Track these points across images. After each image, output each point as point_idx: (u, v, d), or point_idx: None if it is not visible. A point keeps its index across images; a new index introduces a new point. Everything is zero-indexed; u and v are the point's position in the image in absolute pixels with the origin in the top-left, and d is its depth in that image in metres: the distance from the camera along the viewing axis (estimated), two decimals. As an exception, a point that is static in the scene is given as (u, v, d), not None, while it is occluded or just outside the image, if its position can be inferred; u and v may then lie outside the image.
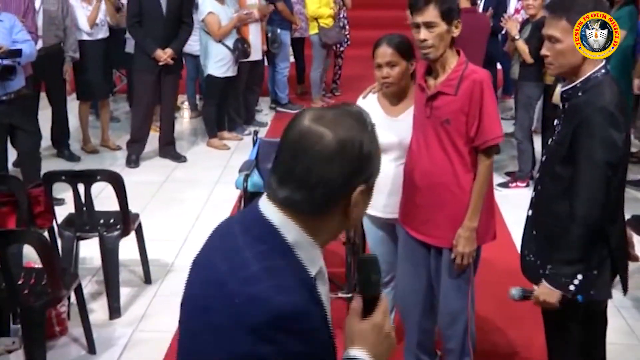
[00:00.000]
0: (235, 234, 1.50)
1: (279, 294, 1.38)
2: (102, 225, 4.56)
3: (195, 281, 1.54)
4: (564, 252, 2.71)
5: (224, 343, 1.39)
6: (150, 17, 7.00)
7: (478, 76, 3.17)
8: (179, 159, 7.46)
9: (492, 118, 3.17)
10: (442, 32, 3.12)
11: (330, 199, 1.46)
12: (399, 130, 3.45)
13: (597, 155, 2.61)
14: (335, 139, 1.44)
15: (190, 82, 8.88)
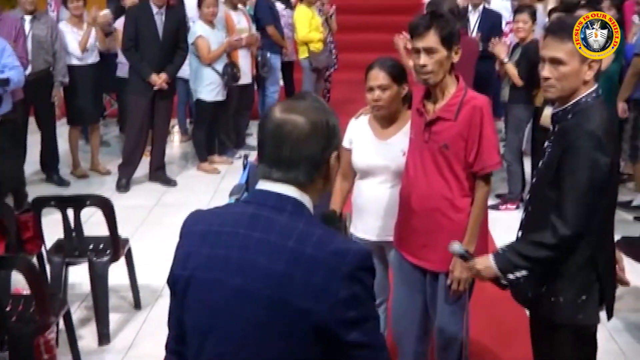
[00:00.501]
0: (267, 216, 1.77)
1: (349, 244, 1.78)
2: (91, 251, 4.51)
3: (244, 267, 1.73)
4: (529, 247, 2.72)
5: (324, 297, 1.66)
6: (147, 41, 7.00)
7: (478, 102, 3.18)
8: (170, 183, 7.42)
9: (491, 144, 3.18)
10: (442, 58, 3.12)
11: (315, 168, 1.80)
12: (388, 153, 3.45)
13: (581, 178, 2.61)
14: (308, 123, 1.78)
15: (181, 106, 8.86)
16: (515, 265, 2.76)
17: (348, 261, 1.69)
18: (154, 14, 6.99)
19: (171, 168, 7.80)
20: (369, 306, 1.74)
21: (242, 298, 1.73)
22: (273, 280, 1.70)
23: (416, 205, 3.29)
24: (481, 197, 3.23)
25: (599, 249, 2.75)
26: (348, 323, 1.69)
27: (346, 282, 1.68)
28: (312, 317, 1.67)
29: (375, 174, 3.56)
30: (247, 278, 1.73)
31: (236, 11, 8.08)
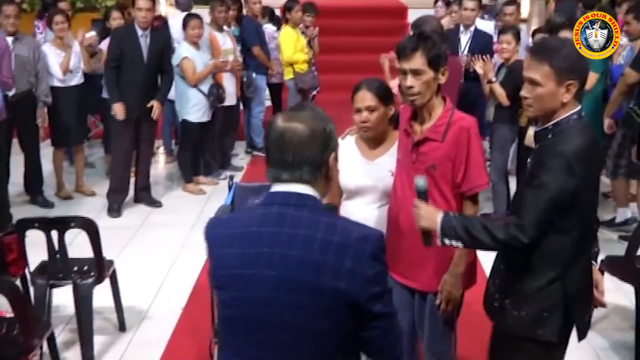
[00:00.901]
0: (292, 214, 2.04)
1: (367, 229, 2.08)
2: (75, 273, 4.48)
3: (282, 261, 1.99)
4: (478, 229, 2.73)
5: (355, 277, 1.96)
6: (131, 64, 6.95)
7: (466, 123, 3.19)
8: (155, 204, 7.39)
9: (479, 165, 3.19)
10: (429, 80, 3.13)
11: (317, 169, 2.08)
12: (376, 173, 3.45)
13: (545, 195, 2.66)
14: (307, 129, 2.06)
15: (166, 127, 8.84)
16: (456, 235, 2.79)
17: (371, 244, 2.00)
18: (138, 36, 6.95)
19: (156, 189, 7.77)
20: (387, 281, 2.08)
21: (281, 288, 1.99)
22: (309, 268, 1.97)
23: (404, 225, 3.29)
24: (470, 212, 3.23)
25: (568, 270, 2.77)
26: (374, 297, 1.99)
27: (371, 263, 1.99)
28: (346, 296, 1.96)
29: (363, 194, 3.56)
30: (283, 270, 1.99)
31: (221, 32, 8.11)
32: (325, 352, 2.03)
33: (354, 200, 3.61)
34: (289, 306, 1.99)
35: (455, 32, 7.66)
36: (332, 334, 2.01)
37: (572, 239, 2.74)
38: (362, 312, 1.99)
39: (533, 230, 2.68)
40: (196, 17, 7.64)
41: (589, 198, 2.78)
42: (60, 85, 7.25)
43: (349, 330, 2.02)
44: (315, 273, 1.97)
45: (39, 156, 7.31)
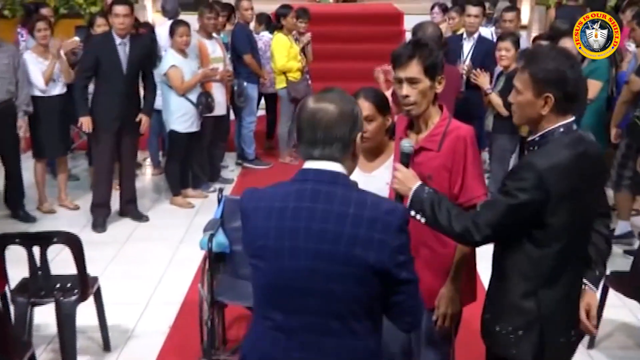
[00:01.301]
0: (326, 190, 2.30)
1: (394, 203, 2.45)
2: (58, 290, 4.47)
3: (316, 235, 2.27)
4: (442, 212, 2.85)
5: (384, 247, 2.24)
6: (109, 74, 6.90)
7: (462, 132, 3.21)
8: (141, 219, 7.38)
9: (476, 175, 3.21)
10: (425, 88, 3.16)
11: (346, 147, 2.34)
12: (373, 186, 3.37)
13: (506, 202, 2.72)
14: (337, 109, 2.32)
15: (153, 138, 8.82)
16: (422, 210, 2.90)
17: (398, 217, 2.29)
18: (116, 45, 6.89)
19: (143, 202, 7.76)
20: (410, 250, 2.34)
21: (317, 259, 2.27)
22: (343, 241, 2.25)
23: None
24: None
25: (544, 286, 2.80)
26: (400, 265, 2.29)
27: (398, 234, 2.27)
28: (376, 265, 2.25)
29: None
30: (319, 242, 2.27)
31: (210, 40, 8.10)
32: (354, 315, 2.30)
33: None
34: (324, 275, 2.27)
35: (457, 39, 7.69)
36: (362, 299, 2.30)
37: (550, 254, 2.77)
38: (390, 279, 2.29)
39: (487, 230, 2.76)
40: (183, 24, 7.64)
41: (575, 215, 2.77)
42: (42, 94, 7.23)
43: (377, 295, 2.31)
44: (348, 245, 2.25)
45: (20, 168, 7.29)
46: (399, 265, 2.29)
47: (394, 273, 2.28)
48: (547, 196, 2.68)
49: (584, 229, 2.89)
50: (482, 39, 7.61)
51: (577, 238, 2.84)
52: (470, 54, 7.44)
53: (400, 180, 2.98)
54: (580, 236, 2.86)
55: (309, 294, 2.30)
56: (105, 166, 7.17)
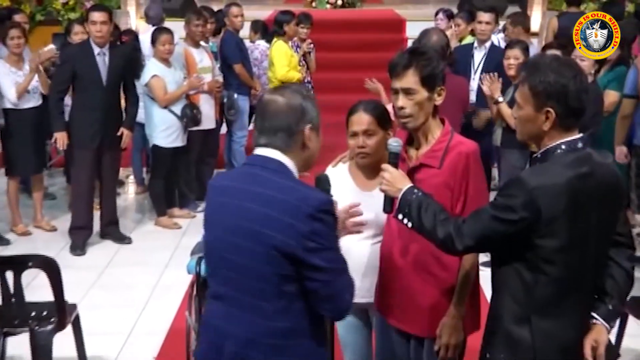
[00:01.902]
0: (256, 173, 2.71)
1: (314, 192, 2.70)
2: (33, 319, 4.45)
3: (239, 211, 2.68)
4: (428, 216, 2.89)
5: (291, 231, 2.57)
6: (88, 86, 6.89)
7: (465, 148, 3.22)
8: (123, 241, 7.37)
9: (480, 195, 3.22)
10: (422, 100, 3.17)
11: (290, 137, 2.71)
12: (373, 205, 3.42)
13: (491, 216, 2.75)
14: (284, 101, 2.73)
15: (136, 153, 8.83)
16: (409, 213, 2.95)
17: (309, 204, 2.59)
18: (95, 55, 6.88)
19: (125, 223, 7.75)
20: (328, 239, 2.64)
21: (235, 233, 2.69)
22: (258, 220, 2.63)
23: (399, 261, 3.31)
24: (469, 254, 3.23)
25: (539, 316, 2.79)
26: (311, 250, 2.59)
27: (308, 220, 2.58)
28: (282, 246, 2.59)
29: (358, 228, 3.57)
30: (239, 218, 2.68)
31: (198, 48, 8.11)
32: (269, 293, 2.65)
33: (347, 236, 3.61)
34: (240, 250, 2.67)
35: (468, 48, 7.67)
36: (271, 279, 2.64)
37: (544, 280, 2.76)
38: (300, 262, 2.60)
39: (469, 240, 2.79)
40: (166, 31, 7.67)
41: (574, 240, 2.75)
42: (14, 107, 7.19)
43: (289, 278, 2.63)
44: (261, 224, 2.62)
45: (-8, 187, 7.29)
46: (308, 250, 2.58)
47: (302, 257, 2.59)
48: (537, 216, 2.69)
49: (592, 258, 2.84)
50: (495, 48, 7.51)
51: (582, 267, 2.81)
52: (481, 64, 7.38)
53: (389, 181, 3.02)
54: (586, 265, 2.82)
55: (231, 267, 2.72)
56: (85, 184, 7.16)
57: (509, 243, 2.77)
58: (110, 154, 7.15)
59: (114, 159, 7.27)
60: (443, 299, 3.27)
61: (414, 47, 3.48)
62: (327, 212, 2.63)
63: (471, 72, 7.34)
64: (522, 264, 2.79)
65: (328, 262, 2.62)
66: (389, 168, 3.05)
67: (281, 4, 15.67)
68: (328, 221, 2.64)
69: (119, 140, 7.15)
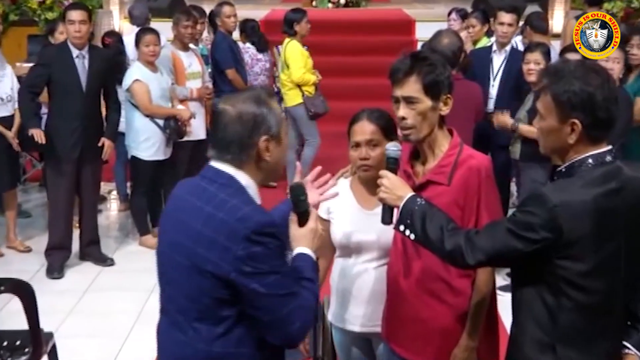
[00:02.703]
0: (204, 186, 2.77)
1: (257, 213, 2.69)
2: (5, 349, 4.45)
3: (178, 225, 2.78)
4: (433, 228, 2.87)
5: (226, 254, 2.62)
6: (66, 93, 6.90)
7: (476, 162, 3.22)
8: (105, 262, 7.36)
9: (493, 213, 3.20)
10: (426, 110, 3.17)
11: (244, 149, 2.74)
12: (376, 225, 3.36)
13: (510, 230, 2.73)
14: (235, 111, 2.74)
15: (119, 166, 8.82)
16: (411, 224, 2.93)
17: (247, 226, 2.62)
18: (73, 57, 6.89)
19: (107, 243, 7.75)
20: (269, 263, 2.66)
21: (176, 249, 2.77)
22: (193, 237, 2.71)
23: (406, 287, 3.32)
24: (485, 277, 3.26)
25: (564, 344, 2.78)
26: (247, 275, 2.63)
27: (244, 243, 2.62)
28: (215, 268, 2.65)
29: (360, 251, 3.58)
30: (176, 233, 2.78)
31: (186, 52, 8.11)
32: (205, 315, 2.73)
33: (349, 259, 3.64)
34: (178, 266, 2.77)
35: (486, 52, 7.66)
36: (205, 300, 2.71)
37: (568, 306, 2.75)
38: (235, 286, 2.66)
39: (481, 255, 2.78)
40: (150, 31, 7.66)
41: (605, 264, 2.75)
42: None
43: (226, 300, 2.69)
44: (195, 242, 2.70)
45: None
46: (244, 274, 2.63)
47: (237, 282, 2.65)
48: (558, 236, 2.68)
49: (622, 282, 2.83)
50: (516, 52, 7.44)
51: (612, 292, 2.80)
52: (501, 69, 7.37)
53: (388, 189, 3.00)
54: (616, 290, 2.81)
55: (171, 284, 2.85)
56: (63, 201, 7.16)
57: (526, 262, 2.77)
58: (91, 166, 7.15)
59: (95, 172, 7.27)
60: (456, 327, 3.27)
61: (417, 52, 3.46)
62: (267, 235, 2.65)
63: (490, 77, 7.33)
64: (544, 287, 2.78)
65: (268, 287, 2.65)
66: (387, 174, 3.04)
67: (278, 3, 15.74)
68: (268, 244, 2.65)
69: (100, 151, 7.14)
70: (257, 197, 2.81)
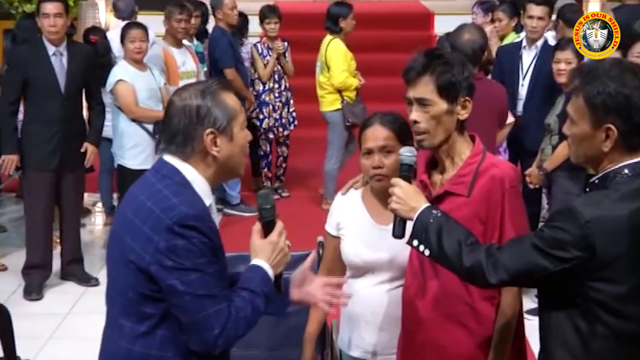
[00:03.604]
0: (148, 177, 2.96)
1: (183, 205, 2.80)
2: (-21, 378, 4.47)
3: (120, 217, 2.97)
4: (451, 242, 2.86)
5: (149, 245, 2.77)
6: (44, 95, 6.88)
7: (499, 171, 3.21)
8: (89, 282, 7.34)
9: (519, 229, 3.18)
10: (440, 113, 3.17)
11: (187, 143, 2.89)
12: (392, 242, 3.36)
13: (538, 247, 2.72)
14: (181, 103, 2.91)
15: (104, 175, 8.81)
16: (426, 238, 2.92)
17: (171, 217, 2.76)
18: (49, 55, 6.88)
19: (91, 261, 7.72)
20: (192, 260, 2.76)
21: (111, 240, 3.00)
22: (125, 226, 2.89)
23: (423, 311, 3.32)
24: (510, 300, 3.25)
25: None
26: (167, 269, 2.76)
27: (167, 235, 2.75)
28: (136, 259, 2.80)
29: (373, 270, 3.59)
30: (116, 224, 3.00)
31: (180, 49, 8.10)
32: (130, 311, 2.87)
33: (361, 280, 3.63)
34: (111, 256, 2.98)
35: (515, 48, 7.65)
36: (130, 294, 2.84)
37: (605, 334, 2.74)
38: (155, 281, 2.79)
39: (505, 273, 2.77)
40: (137, 26, 7.62)
41: None
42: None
43: (149, 296, 2.82)
44: (126, 231, 2.87)
45: None
46: (164, 268, 2.76)
47: (157, 275, 2.77)
48: (591, 256, 2.67)
49: None
50: (548, 48, 7.30)
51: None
52: (532, 67, 7.35)
53: (400, 199, 3.00)
54: None
55: (109, 277, 3.00)
56: (42, 214, 7.14)
57: (554, 283, 2.76)
58: (73, 176, 7.15)
59: (77, 182, 7.27)
60: (479, 355, 3.27)
61: (432, 48, 3.47)
62: (191, 228, 2.77)
63: (519, 76, 7.32)
64: (575, 311, 2.77)
65: (187, 285, 2.75)
66: (400, 182, 3.03)
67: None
68: (192, 239, 2.77)
69: (83, 158, 7.14)
70: (206, 194, 2.93)
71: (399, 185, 3.02)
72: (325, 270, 3.73)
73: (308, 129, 9.72)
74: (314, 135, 9.32)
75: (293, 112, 9.52)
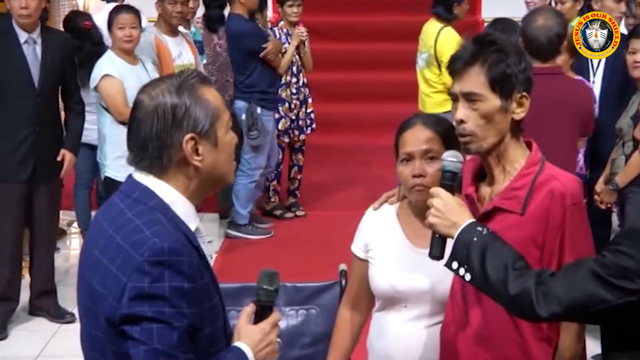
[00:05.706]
0: (116, 202, 2.84)
1: (155, 237, 2.67)
2: None
3: (89, 249, 2.84)
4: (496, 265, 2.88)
5: (116, 287, 2.66)
6: (13, 90, 6.87)
7: (559, 185, 3.19)
8: (63, 318, 7.35)
9: (581, 256, 3.10)
10: (492, 111, 3.15)
11: (163, 151, 2.76)
12: (431, 269, 3.45)
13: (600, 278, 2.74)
14: (149, 102, 2.76)
15: (81, 191, 8.84)
16: (467, 260, 2.92)
17: (141, 253, 2.66)
18: (20, 44, 6.88)
19: (66, 292, 7.67)
20: (158, 308, 2.64)
21: (81, 285, 2.86)
22: (90, 265, 2.80)
23: (466, 353, 3.33)
24: (570, 340, 3.25)
25: None
26: (131, 317, 2.64)
27: (135, 275, 2.65)
28: (105, 304, 2.70)
29: (408, 302, 3.61)
30: (82, 264, 2.88)
31: (175, 37, 8.15)
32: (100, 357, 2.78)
33: (393, 313, 3.64)
34: (84, 305, 2.86)
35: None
36: (109, 350, 2.74)
37: None
38: (118, 331, 2.68)
39: (557, 305, 2.78)
40: (127, 9, 7.64)
41: None
42: None
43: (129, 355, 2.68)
44: (92, 274, 2.78)
45: None
46: (129, 316, 2.65)
47: (121, 324, 2.67)
48: None
49: None
50: (621, 38, 7.35)
51: None
52: (603, 61, 7.31)
53: (440, 212, 3.00)
54: None
55: (82, 325, 2.89)
56: (8, 236, 7.14)
57: (619, 319, 2.77)
58: (47, 189, 7.15)
59: (52, 197, 7.27)
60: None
61: (482, 34, 3.41)
62: (165, 266, 2.66)
63: (589, 72, 7.32)
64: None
65: (145, 334, 2.64)
66: (440, 192, 3.03)
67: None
68: (162, 279, 2.65)
69: (59, 169, 7.17)
70: (190, 217, 2.88)
71: (439, 196, 3.02)
72: (350, 302, 3.75)
73: (324, 134, 9.77)
74: (331, 142, 9.31)
75: (311, 113, 9.55)
